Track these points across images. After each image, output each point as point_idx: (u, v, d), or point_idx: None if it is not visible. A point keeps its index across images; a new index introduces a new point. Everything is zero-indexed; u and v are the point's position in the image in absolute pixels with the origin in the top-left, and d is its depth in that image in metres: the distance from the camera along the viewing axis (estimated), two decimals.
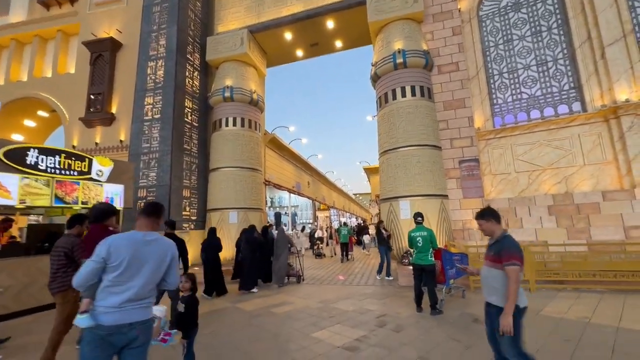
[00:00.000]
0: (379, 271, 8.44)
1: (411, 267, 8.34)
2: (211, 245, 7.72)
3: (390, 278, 8.40)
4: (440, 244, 8.86)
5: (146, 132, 11.09)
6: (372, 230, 22.73)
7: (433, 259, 5.35)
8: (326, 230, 17.29)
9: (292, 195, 20.51)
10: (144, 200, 10.55)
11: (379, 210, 24.73)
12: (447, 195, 9.43)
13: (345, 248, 12.99)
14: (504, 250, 2.51)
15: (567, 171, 8.75)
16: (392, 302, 6.02)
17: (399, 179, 9.45)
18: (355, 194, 55.27)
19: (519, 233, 8.42)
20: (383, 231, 8.64)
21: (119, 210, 8.55)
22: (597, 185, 8.38)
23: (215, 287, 7.40)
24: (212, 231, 7.72)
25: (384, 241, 8.48)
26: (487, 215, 2.70)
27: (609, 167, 8.36)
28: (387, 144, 9.94)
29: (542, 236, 8.16)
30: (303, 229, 18.10)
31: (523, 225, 8.49)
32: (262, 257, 8.24)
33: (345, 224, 17.37)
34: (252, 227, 8.36)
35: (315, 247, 13.59)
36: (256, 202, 11.80)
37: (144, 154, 10.92)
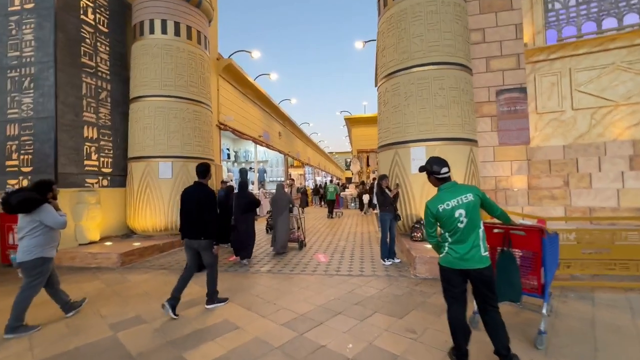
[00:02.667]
0: (386, 254, 5.58)
1: (427, 247, 5.63)
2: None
3: (397, 261, 5.63)
4: None
5: (13, 31, 6.89)
6: (352, 190, 20.10)
7: (488, 252, 2.39)
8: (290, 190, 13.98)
9: (259, 148, 17.06)
10: (17, 142, 6.73)
11: (361, 167, 21.98)
12: (476, 141, 6.50)
13: (332, 206, 13.62)
14: None
15: None
16: (423, 323, 3.17)
17: (411, 114, 6.33)
18: (330, 152, 52.24)
19: (588, 196, 5.80)
20: (386, 190, 5.66)
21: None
22: None
23: None
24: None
25: (388, 205, 5.55)
26: None
27: None
28: (395, 61, 6.62)
29: (628, 200, 5.59)
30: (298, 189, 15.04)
31: (592, 185, 5.85)
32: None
33: (332, 181, 16.56)
34: (242, 184, 6.42)
35: (269, 216, 9.15)
36: (202, 149, 8.31)
37: (12, 69, 6.84)
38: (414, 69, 6.34)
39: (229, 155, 18.20)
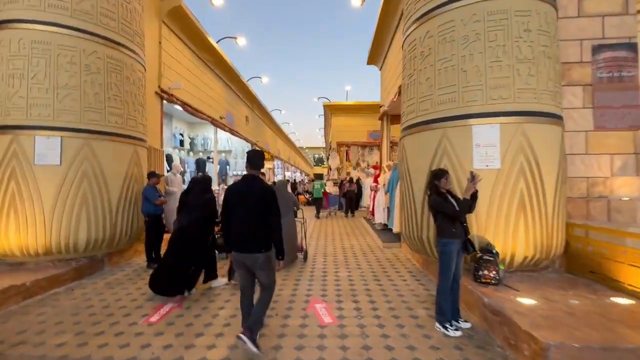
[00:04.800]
0: (450, 315, 3.01)
1: (527, 303, 2.59)
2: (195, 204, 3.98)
3: (466, 326, 3.10)
4: (556, 232, 3.81)
5: None
6: (330, 188, 17.55)
7: None
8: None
9: (221, 134, 13.92)
10: None
11: (341, 162, 19.51)
12: (562, 118, 4.18)
13: (319, 205, 12.23)
14: None
15: None
16: None
17: (474, 72, 3.83)
18: (300, 147, 49.32)
19: None
20: (450, 197, 3.08)
21: None
22: None
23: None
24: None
25: (458, 225, 3.00)
26: None
27: None
28: None
29: None
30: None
31: None
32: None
33: (319, 177, 13.41)
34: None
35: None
36: (124, 121, 5.19)
37: None
38: None
39: (182, 141, 14.74)
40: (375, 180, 9.99)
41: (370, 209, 10.01)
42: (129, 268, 5.27)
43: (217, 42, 10.69)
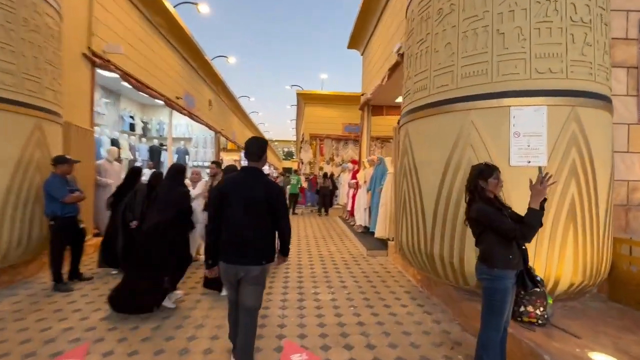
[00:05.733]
0: None
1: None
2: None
3: None
4: (606, 250, 2.97)
5: None
6: (302, 182, 16.34)
7: None
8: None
9: (179, 119, 12.25)
10: None
11: (314, 155, 18.33)
12: (612, 103, 3.35)
13: (294, 200, 11.44)
14: None
15: None
16: None
17: (513, 36, 2.84)
18: (270, 139, 47.36)
19: None
20: (499, 204, 2.05)
21: None
22: None
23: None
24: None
25: (511, 243, 1.98)
26: None
27: None
28: None
29: None
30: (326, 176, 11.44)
31: None
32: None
33: (295, 171, 13.57)
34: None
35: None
36: (19, 81, 3.63)
37: None
38: None
39: (133, 125, 12.73)
40: (354, 177, 9.00)
41: (350, 209, 8.99)
42: (25, 291, 3.74)
43: (176, 7, 8.98)
